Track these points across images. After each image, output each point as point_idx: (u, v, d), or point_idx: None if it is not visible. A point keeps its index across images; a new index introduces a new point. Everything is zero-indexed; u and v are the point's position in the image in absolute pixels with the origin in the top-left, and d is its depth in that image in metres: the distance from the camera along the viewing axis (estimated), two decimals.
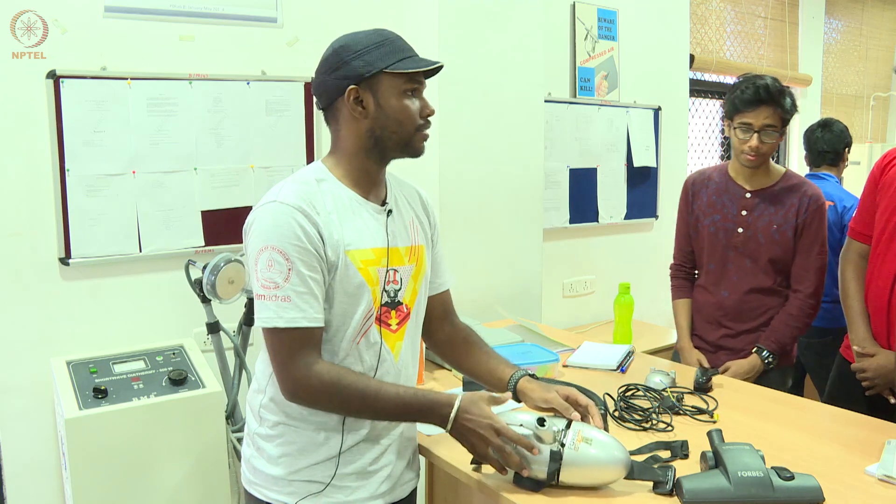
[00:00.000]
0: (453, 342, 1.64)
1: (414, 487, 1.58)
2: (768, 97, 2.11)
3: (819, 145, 3.24)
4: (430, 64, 1.40)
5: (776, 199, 2.24)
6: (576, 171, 3.41)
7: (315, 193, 1.37)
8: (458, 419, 1.35)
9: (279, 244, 1.31)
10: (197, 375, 2.19)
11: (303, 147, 2.61)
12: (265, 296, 1.31)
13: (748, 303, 2.27)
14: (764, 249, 2.23)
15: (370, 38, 1.38)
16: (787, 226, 2.21)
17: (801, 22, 5.02)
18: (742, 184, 2.28)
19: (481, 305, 2.71)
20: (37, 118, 2.18)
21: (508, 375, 1.54)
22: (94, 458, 1.97)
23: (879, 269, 2.01)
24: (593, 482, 1.36)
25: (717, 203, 2.31)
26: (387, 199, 1.48)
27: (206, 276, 2.11)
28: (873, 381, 1.99)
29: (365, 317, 1.39)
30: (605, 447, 1.35)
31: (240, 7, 2.47)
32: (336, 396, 1.33)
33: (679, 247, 2.46)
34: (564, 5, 3.32)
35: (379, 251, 1.41)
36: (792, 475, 1.30)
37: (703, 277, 2.38)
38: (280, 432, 1.42)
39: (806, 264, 2.23)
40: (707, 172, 2.40)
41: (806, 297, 2.23)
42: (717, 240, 2.30)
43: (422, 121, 1.41)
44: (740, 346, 2.28)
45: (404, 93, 1.38)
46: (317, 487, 1.40)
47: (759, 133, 2.14)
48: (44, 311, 2.24)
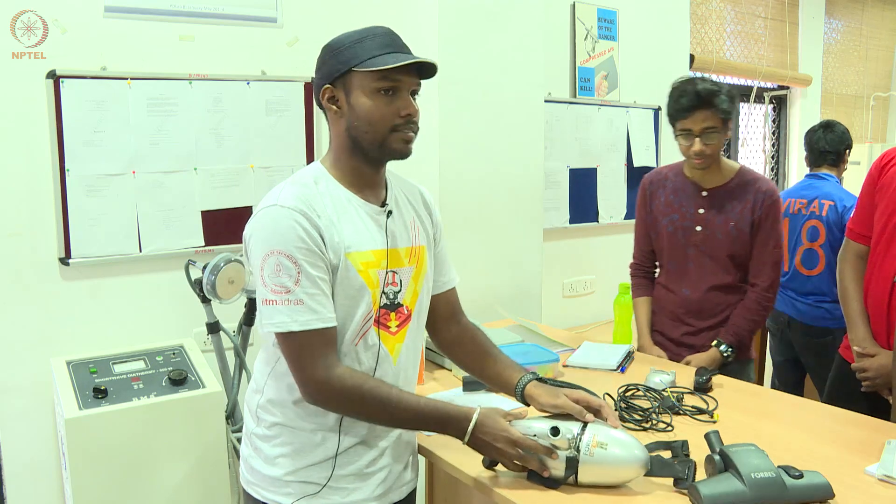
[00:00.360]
0: (461, 342, 1.63)
1: (412, 489, 1.58)
2: (701, 102, 2.14)
3: (820, 146, 3.24)
4: (403, 60, 1.32)
5: (732, 196, 2.26)
6: (576, 171, 3.41)
7: (314, 195, 1.36)
8: (475, 433, 1.36)
9: (285, 248, 1.29)
10: (197, 375, 2.19)
11: (303, 147, 2.61)
12: (276, 301, 1.30)
13: (709, 300, 2.29)
14: (723, 246, 2.26)
15: (352, 36, 1.36)
16: (745, 222, 2.24)
17: (801, 22, 5.02)
18: (698, 182, 2.31)
19: (481, 305, 2.71)
20: (37, 118, 2.18)
21: (516, 379, 1.52)
22: (94, 458, 1.97)
23: (879, 269, 2.01)
24: (613, 481, 1.36)
25: (674, 202, 2.33)
26: (387, 199, 1.46)
27: (206, 276, 2.11)
28: (874, 380, 1.99)
29: (364, 319, 1.38)
30: (623, 446, 1.35)
31: (240, 7, 2.47)
32: (357, 402, 1.32)
33: (638, 246, 2.49)
34: (564, 5, 3.32)
35: (379, 253, 1.40)
36: (801, 473, 1.31)
37: (664, 276, 2.40)
38: (277, 433, 1.41)
39: (762, 258, 2.26)
40: (663, 172, 2.43)
41: (763, 290, 2.25)
42: (677, 239, 2.32)
43: (399, 121, 1.36)
44: (702, 342, 2.30)
45: (376, 91, 1.33)
46: (313, 489, 1.40)
47: (700, 137, 2.17)
48: (44, 311, 2.24)
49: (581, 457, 1.33)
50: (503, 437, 1.35)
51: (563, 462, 1.34)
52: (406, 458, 1.53)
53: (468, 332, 1.64)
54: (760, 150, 5.06)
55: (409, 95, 1.37)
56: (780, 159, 5.22)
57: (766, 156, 5.07)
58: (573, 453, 1.34)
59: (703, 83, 2.17)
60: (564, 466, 1.34)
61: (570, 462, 1.33)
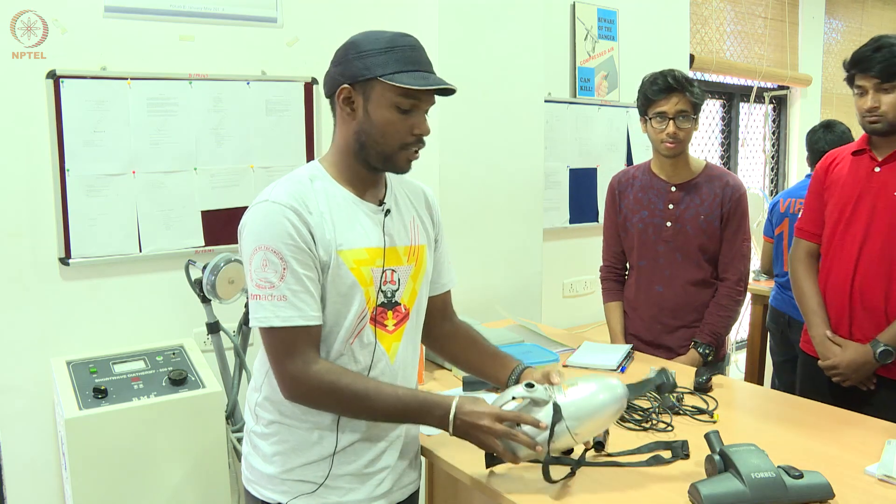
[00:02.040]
0: (454, 337, 1.64)
1: (415, 490, 1.57)
2: (677, 84, 2.20)
3: (819, 146, 3.25)
4: (431, 84, 1.31)
5: (700, 190, 2.29)
6: (576, 171, 3.41)
7: (308, 192, 1.36)
8: (457, 418, 1.34)
9: (272, 244, 1.30)
10: (197, 375, 2.19)
11: (303, 147, 2.61)
12: (260, 296, 1.31)
13: (682, 297, 2.31)
14: (693, 240, 2.28)
15: (380, 41, 1.33)
16: (713, 216, 2.26)
17: (801, 22, 5.02)
18: (666, 179, 2.33)
19: (481, 305, 2.71)
20: (37, 118, 2.18)
21: (509, 370, 1.53)
22: (94, 458, 1.97)
23: (837, 263, 2.06)
24: (603, 416, 1.34)
25: (643, 199, 2.35)
26: (385, 198, 1.46)
27: (206, 276, 2.11)
28: (847, 376, 2.01)
29: (358, 317, 1.38)
30: (594, 379, 1.37)
31: (240, 7, 2.47)
32: (333, 396, 1.33)
33: (608, 247, 2.49)
34: (564, 5, 3.32)
35: (373, 251, 1.40)
36: (801, 473, 1.31)
37: (635, 275, 2.41)
38: (275, 431, 1.42)
39: (731, 253, 2.29)
40: (630, 171, 2.45)
41: (733, 284, 2.29)
42: (647, 235, 2.34)
43: (411, 139, 1.36)
44: (678, 343, 2.32)
45: (395, 106, 1.33)
46: (309, 487, 1.40)
47: (674, 119, 2.20)
48: (44, 311, 2.24)
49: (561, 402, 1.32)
50: (486, 415, 1.33)
51: (550, 414, 1.32)
52: (409, 457, 1.53)
53: (461, 329, 1.65)
54: (760, 150, 5.06)
55: (424, 115, 1.37)
56: (780, 159, 5.22)
57: (766, 156, 5.07)
58: (554, 401, 1.33)
59: (674, 72, 2.23)
60: (553, 427, 1.31)
61: (555, 408, 1.31)
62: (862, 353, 1.97)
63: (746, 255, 2.31)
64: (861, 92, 1.97)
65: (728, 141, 4.86)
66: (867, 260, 1.99)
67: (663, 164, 2.33)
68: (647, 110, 2.26)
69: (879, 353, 1.93)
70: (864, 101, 1.96)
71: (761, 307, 3.79)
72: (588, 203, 3.49)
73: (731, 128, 4.84)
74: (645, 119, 2.28)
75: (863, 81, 1.95)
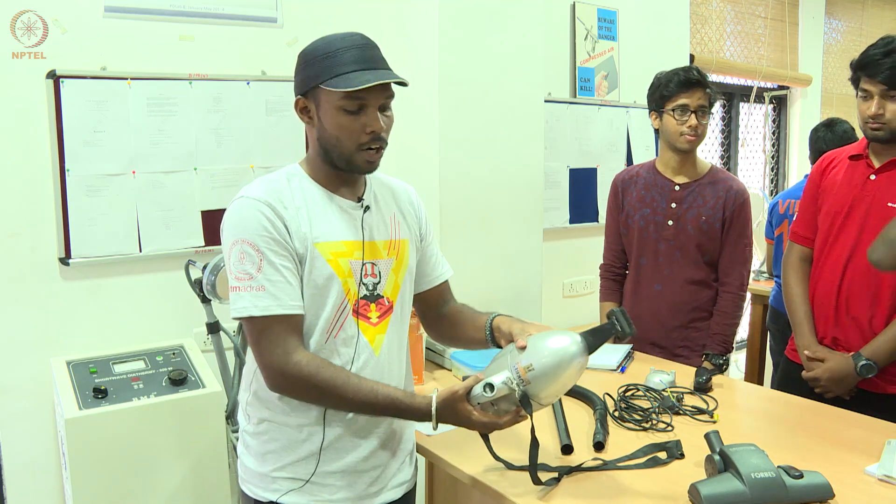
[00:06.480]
0: (447, 319, 1.65)
1: (410, 489, 1.57)
2: (699, 79, 2.23)
3: (819, 145, 3.25)
4: (368, 82, 1.30)
5: (704, 192, 2.30)
6: (576, 171, 3.41)
7: (284, 189, 1.40)
8: (440, 419, 1.36)
9: (248, 237, 1.34)
10: (197, 375, 2.19)
11: (302, 147, 2.61)
12: (240, 287, 1.34)
13: (681, 295, 2.32)
14: (692, 239, 2.29)
15: (321, 48, 1.36)
16: (715, 218, 2.28)
17: (801, 22, 5.02)
18: (670, 177, 2.34)
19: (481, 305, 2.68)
20: (37, 118, 2.18)
21: (483, 331, 1.53)
22: (94, 458, 1.97)
23: (827, 272, 2.04)
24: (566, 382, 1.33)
25: (646, 197, 2.36)
26: (364, 195, 1.48)
27: (206, 276, 2.11)
28: (828, 388, 1.98)
29: (338, 309, 1.40)
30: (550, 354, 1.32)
31: (240, 7, 2.47)
32: (313, 388, 1.34)
33: (609, 245, 2.51)
34: (564, 5, 3.32)
35: (351, 244, 1.42)
36: (801, 473, 1.31)
37: (635, 273, 2.42)
38: (264, 429, 1.43)
39: (733, 258, 2.30)
40: (634, 170, 2.47)
41: (736, 289, 2.30)
42: (648, 233, 2.35)
43: (365, 138, 1.37)
44: (671, 344, 2.33)
45: (342, 109, 1.34)
46: (297, 484, 1.42)
47: (696, 113, 2.22)
48: (44, 311, 2.24)
49: (524, 389, 1.31)
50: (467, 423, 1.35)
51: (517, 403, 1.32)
52: (402, 457, 1.53)
53: (453, 310, 1.65)
54: (760, 151, 5.06)
55: (375, 112, 1.37)
56: (780, 159, 5.23)
57: (766, 156, 5.07)
58: (518, 392, 1.31)
59: (697, 68, 2.25)
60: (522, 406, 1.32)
61: (522, 400, 1.31)
62: (844, 366, 1.94)
63: (748, 261, 2.32)
64: (865, 96, 1.93)
65: (728, 141, 4.86)
66: (855, 271, 1.97)
67: (670, 162, 2.33)
68: (666, 104, 2.25)
69: (861, 367, 1.90)
70: (867, 105, 1.92)
71: (761, 307, 3.80)
72: (588, 203, 3.48)
73: (731, 128, 4.84)
74: (660, 113, 2.28)
75: (868, 86, 1.91)
